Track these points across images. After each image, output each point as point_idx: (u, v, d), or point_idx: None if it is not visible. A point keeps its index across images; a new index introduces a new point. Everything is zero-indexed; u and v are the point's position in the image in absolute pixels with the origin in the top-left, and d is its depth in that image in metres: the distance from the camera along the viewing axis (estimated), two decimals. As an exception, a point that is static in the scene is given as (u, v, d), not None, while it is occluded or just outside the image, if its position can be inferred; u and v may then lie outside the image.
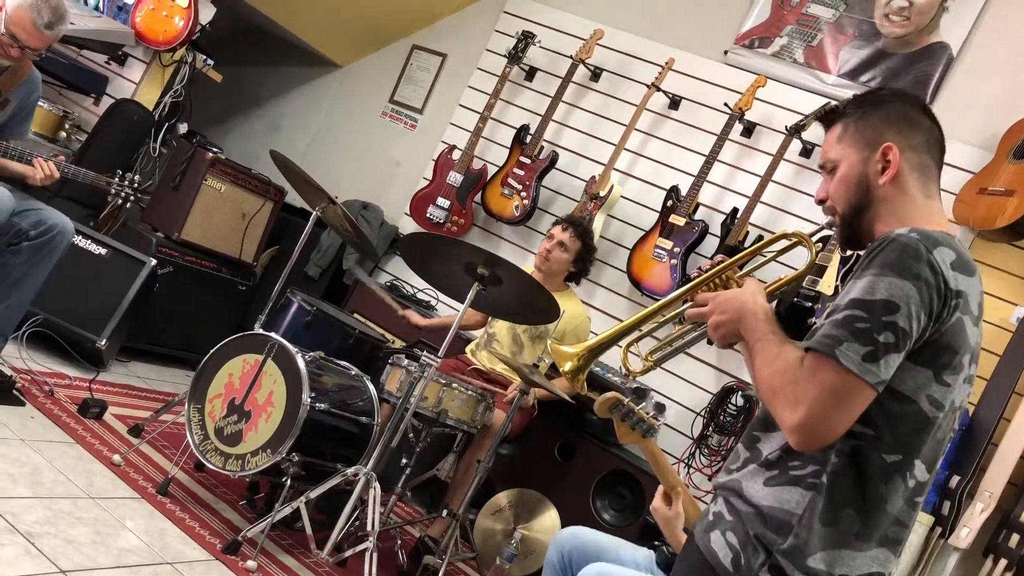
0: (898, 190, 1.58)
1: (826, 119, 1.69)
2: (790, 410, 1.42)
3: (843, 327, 1.40)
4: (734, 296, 1.65)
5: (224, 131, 6.20)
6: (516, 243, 5.05)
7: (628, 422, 2.24)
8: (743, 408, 4.13)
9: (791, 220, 4.37)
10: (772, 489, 1.50)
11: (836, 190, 1.64)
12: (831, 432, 1.41)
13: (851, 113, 1.64)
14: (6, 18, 3.04)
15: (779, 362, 1.47)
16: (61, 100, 4.60)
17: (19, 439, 2.81)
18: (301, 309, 3.59)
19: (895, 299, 1.38)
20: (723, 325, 1.63)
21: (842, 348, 1.38)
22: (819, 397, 1.39)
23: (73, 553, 2.32)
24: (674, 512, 2.18)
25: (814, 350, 1.42)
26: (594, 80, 4.99)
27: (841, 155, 1.63)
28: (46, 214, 3.19)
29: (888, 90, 1.71)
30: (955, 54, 4.19)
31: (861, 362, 1.37)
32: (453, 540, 3.20)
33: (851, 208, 1.62)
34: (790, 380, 1.43)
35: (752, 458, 1.58)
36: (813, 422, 1.40)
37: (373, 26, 5.64)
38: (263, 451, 2.88)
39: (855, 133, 1.62)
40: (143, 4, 4.45)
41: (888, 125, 1.60)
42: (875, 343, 1.38)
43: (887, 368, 1.39)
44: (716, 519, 1.57)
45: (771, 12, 4.66)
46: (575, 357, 1.93)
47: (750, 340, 1.57)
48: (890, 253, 1.41)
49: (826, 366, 1.40)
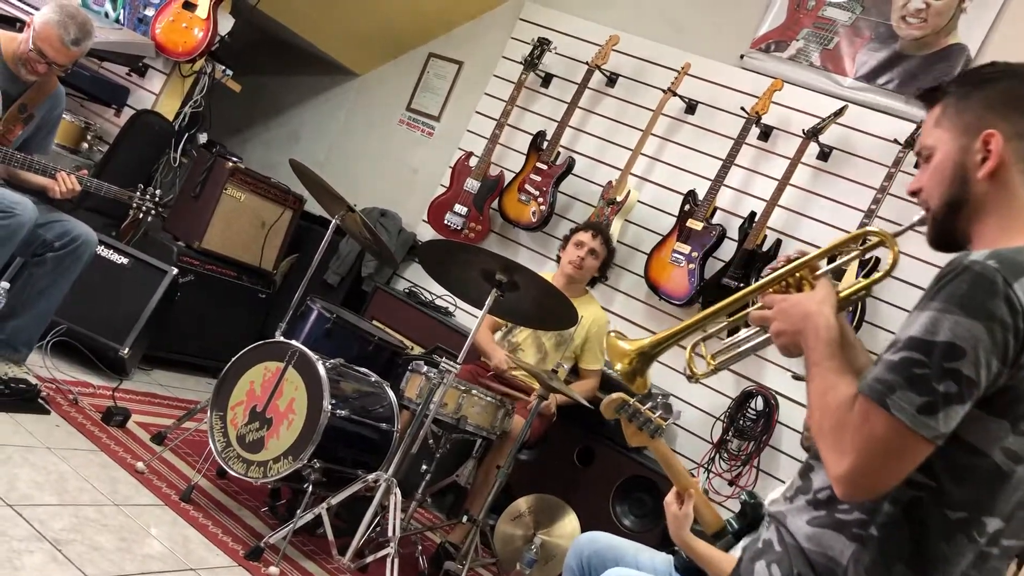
0: (1000, 187, 1.35)
1: (926, 97, 1.47)
2: (835, 458, 1.26)
3: (898, 372, 1.22)
4: (799, 303, 1.47)
5: (243, 140, 6.25)
6: (534, 249, 5.06)
7: (635, 423, 2.24)
8: (763, 412, 4.13)
9: (809, 224, 4.36)
10: (814, 530, 1.38)
11: (930, 181, 1.43)
12: (879, 486, 1.26)
13: (952, 92, 1.42)
14: (34, 35, 3.09)
15: (829, 399, 1.30)
16: (83, 112, 4.66)
17: (45, 447, 2.85)
18: (321, 316, 3.61)
19: (960, 342, 1.19)
20: (784, 334, 1.46)
21: (895, 397, 1.21)
22: (867, 449, 1.23)
23: (99, 559, 2.35)
24: (683, 513, 2.18)
25: (864, 395, 1.25)
26: (610, 86, 5.00)
27: (937, 141, 1.42)
28: (70, 225, 3.24)
29: (999, 65, 1.43)
30: (973, 56, 4.17)
31: (916, 414, 1.20)
32: (473, 546, 3.22)
33: (944, 204, 1.41)
34: (838, 424, 1.27)
35: (803, 489, 1.45)
36: (859, 475, 1.24)
37: (390, 35, 5.67)
38: (285, 458, 2.90)
39: (954, 116, 1.40)
40: (163, 16, 4.50)
41: (992, 108, 1.37)
42: (934, 393, 1.19)
43: (947, 421, 1.21)
44: (766, 547, 1.47)
45: (787, 16, 4.65)
46: (627, 357, 1.72)
47: (807, 360, 1.41)
48: (960, 284, 1.21)
49: (876, 415, 1.22)
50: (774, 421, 4.09)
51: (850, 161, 4.33)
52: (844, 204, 4.29)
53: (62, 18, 3.10)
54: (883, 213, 4.02)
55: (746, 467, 4.10)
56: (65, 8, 3.15)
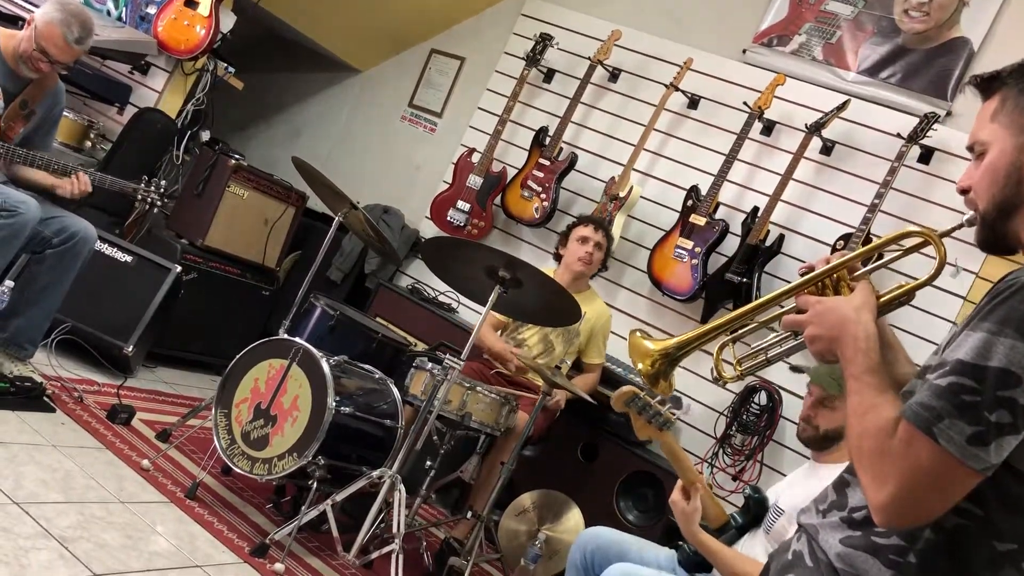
0: None
1: (983, 86, 1.34)
2: (876, 486, 1.17)
3: (946, 398, 1.12)
4: (836, 307, 1.36)
5: (246, 138, 6.26)
6: (536, 245, 5.06)
7: (644, 416, 2.25)
8: (766, 407, 4.13)
9: (812, 219, 4.35)
10: (847, 550, 1.28)
11: (981, 180, 1.31)
12: (922, 516, 1.17)
13: (1013, 83, 1.30)
14: (36, 34, 3.10)
15: (870, 420, 1.21)
16: (86, 110, 4.67)
17: (51, 445, 2.86)
18: (324, 313, 3.62)
19: (1016, 368, 1.09)
20: (819, 339, 1.37)
21: (942, 425, 1.11)
22: (910, 479, 1.14)
23: (105, 557, 2.36)
24: (692, 507, 2.19)
25: (908, 421, 1.15)
26: (612, 81, 4.99)
27: (993, 136, 1.30)
28: (68, 221, 3.24)
29: None
30: (976, 49, 4.16)
31: (965, 445, 1.10)
32: (478, 541, 3.23)
33: (995, 206, 1.29)
34: (878, 449, 1.17)
35: (838, 504, 1.35)
36: (900, 506, 1.15)
37: (391, 31, 5.67)
38: (289, 455, 2.91)
39: (1014, 112, 1.28)
40: (165, 14, 4.50)
41: None
42: (985, 422, 1.10)
43: (999, 452, 1.12)
44: (796, 560, 1.37)
45: (789, 10, 4.65)
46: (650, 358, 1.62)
47: (845, 370, 1.30)
48: (1017, 305, 1.12)
49: (921, 444, 1.13)
50: (778, 416, 4.09)
51: (853, 156, 4.33)
52: (847, 199, 4.28)
53: (64, 16, 3.10)
54: (886, 208, 4.01)
55: (749, 462, 4.10)
56: (67, 6, 3.15)
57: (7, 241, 3.01)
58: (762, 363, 1.61)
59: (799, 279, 1.49)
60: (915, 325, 3.89)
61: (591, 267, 3.94)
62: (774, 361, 1.60)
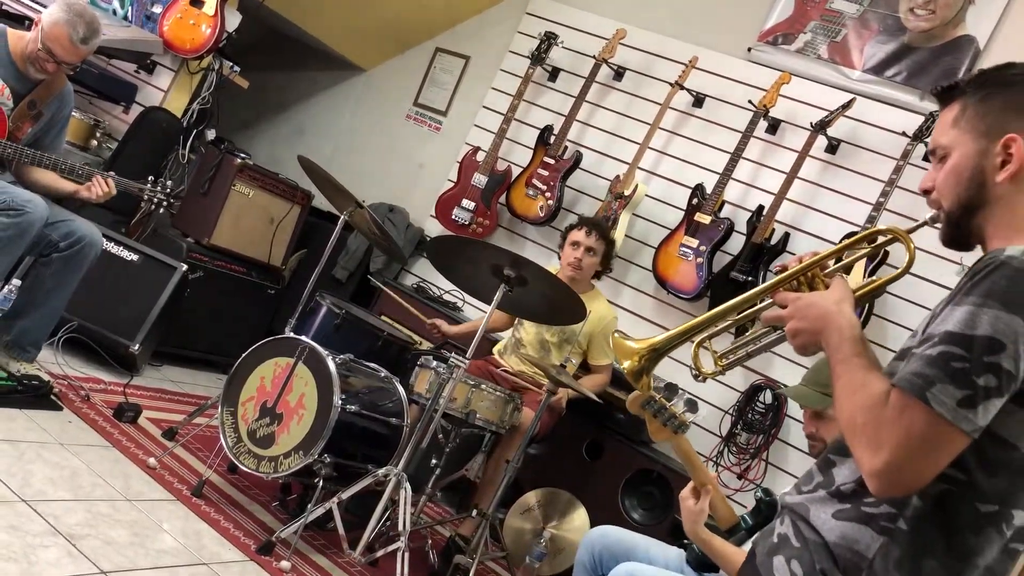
0: (1018, 189, 1.35)
1: (943, 96, 1.45)
2: (871, 453, 1.25)
3: (937, 366, 1.21)
4: (816, 301, 1.45)
5: (251, 137, 6.26)
6: (541, 243, 5.07)
7: (660, 418, 2.25)
8: (771, 406, 4.13)
9: (818, 217, 4.35)
10: (840, 523, 1.35)
11: (945, 182, 1.41)
12: (916, 481, 1.24)
13: (972, 92, 1.40)
14: (43, 34, 3.11)
15: (862, 395, 1.29)
16: (91, 109, 4.67)
17: (58, 443, 2.87)
18: (330, 312, 3.63)
19: (1000, 336, 1.19)
20: (802, 333, 1.44)
21: (934, 390, 1.20)
22: (904, 443, 1.22)
23: (113, 554, 2.37)
24: (699, 508, 2.19)
25: (901, 389, 1.24)
26: (617, 79, 4.99)
27: (954, 141, 1.40)
28: (75, 225, 3.25)
29: (1020, 67, 1.42)
30: (982, 47, 4.16)
31: (956, 407, 1.19)
32: (483, 539, 3.23)
33: (959, 205, 1.40)
34: (872, 419, 1.26)
35: (824, 483, 1.42)
36: (895, 469, 1.23)
37: (396, 30, 5.68)
38: (295, 453, 2.92)
39: (973, 118, 1.39)
40: (171, 13, 4.51)
41: (1014, 111, 1.36)
42: (973, 387, 1.19)
43: (986, 414, 1.21)
44: (781, 542, 1.44)
45: (794, 8, 4.64)
46: (636, 355, 1.68)
47: (831, 358, 1.39)
48: (998, 279, 1.22)
49: (914, 409, 1.21)
50: (783, 414, 4.09)
51: (858, 154, 4.33)
52: (852, 197, 4.28)
53: (71, 17, 3.11)
54: (891, 206, 4.01)
55: (755, 460, 4.11)
56: (73, 6, 3.16)
57: (13, 240, 3.03)
58: (742, 357, 1.69)
59: (775, 278, 1.56)
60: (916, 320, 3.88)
61: (581, 272, 3.88)
62: (754, 355, 1.68)
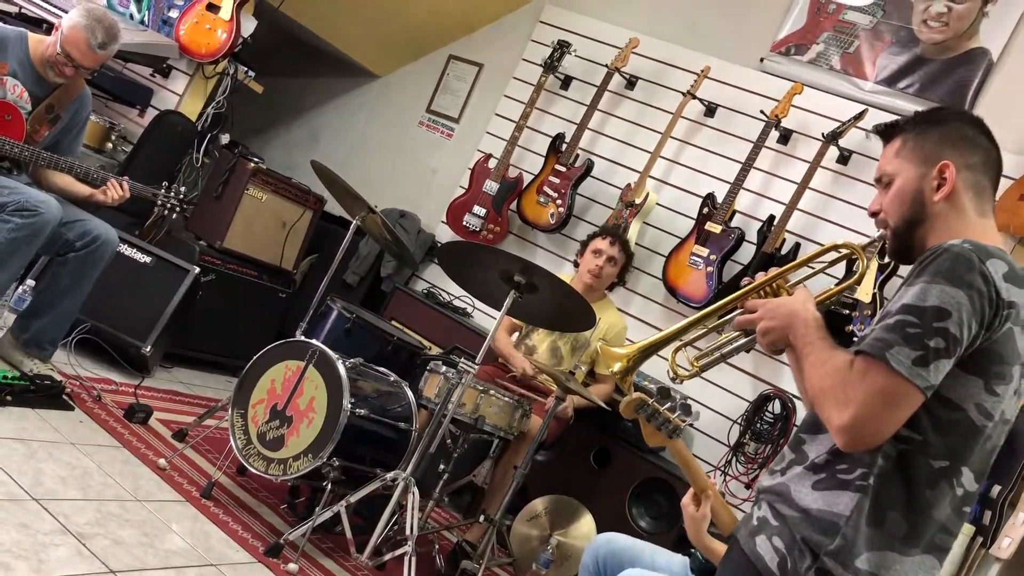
0: (952, 207, 1.59)
1: (885, 133, 1.70)
2: (839, 411, 1.43)
3: (894, 331, 1.42)
4: (784, 303, 1.66)
5: (265, 141, 6.30)
6: (552, 251, 5.08)
7: (654, 423, 2.26)
8: (780, 416, 4.13)
9: (828, 227, 4.35)
10: (821, 493, 1.51)
11: (890, 203, 1.66)
12: (878, 434, 1.43)
13: (911, 129, 1.66)
14: (62, 38, 3.14)
15: (829, 365, 1.49)
16: (107, 112, 4.72)
17: (69, 443, 2.89)
18: (341, 316, 3.64)
19: (947, 306, 1.40)
20: (772, 331, 1.64)
21: (892, 351, 1.40)
22: (868, 399, 1.41)
23: (122, 554, 2.38)
24: (701, 514, 2.20)
25: (864, 352, 1.44)
26: (629, 88, 5.01)
27: (898, 169, 1.65)
28: (91, 225, 3.28)
29: (949, 109, 1.76)
30: (995, 60, 4.15)
31: (911, 366, 1.39)
32: (490, 545, 3.24)
33: (904, 222, 1.63)
34: (839, 382, 1.45)
35: (798, 460, 1.59)
36: (861, 423, 1.41)
37: (410, 37, 5.71)
38: (304, 456, 2.93)
39: (913, 148, 1.64)
40: (187, 17, 4.55)
41: (947, 143, 1.61)
42: (925, 348, 1.39)
43: (936, 373, 1.41)
44: (761, 524, 1.57)
45: (807, 19, 4.65)
46: (625, 358, 1.91)
47: (799, 345, 1.58)
48: (943, 262, 1.43)
49: (876, 369, 1.41)
50: (791, 424, 4.08)
51: (870, 165, 4.32)
52: (863, 208, 4.27)
53: (89, 22, 3.15)
54: (903, 217, 4.00)
55: (763, 470, 4.10)
56: (92, 11, 3.19)
57: (28, 240, 3.05)
58: (716, 359, 1.84)
59: (743, 288, 1.77)
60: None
61: (600, 280, 3.94)
62: (727, 357, 1.84)
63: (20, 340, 3.28)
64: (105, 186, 3.29)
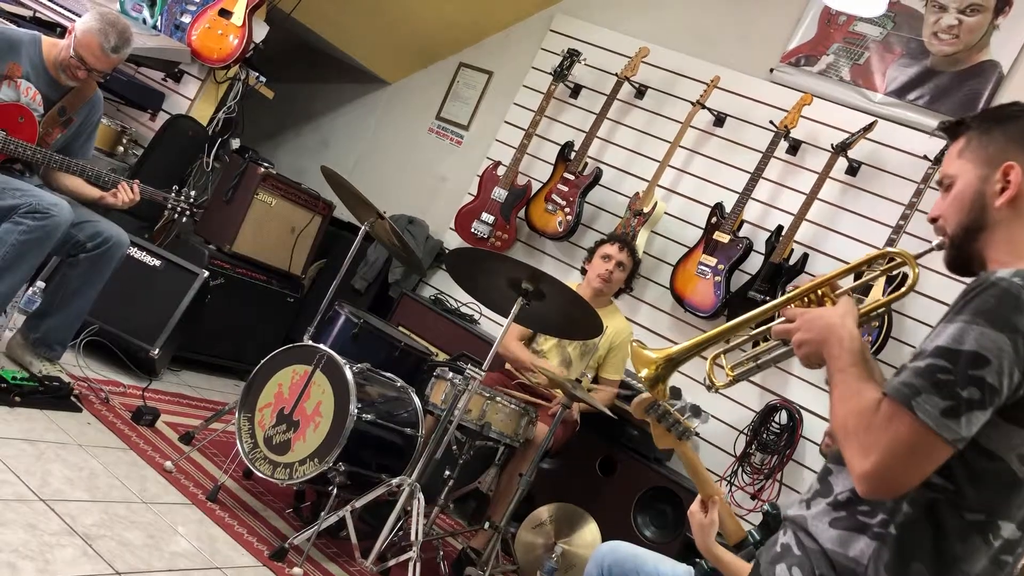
0: (1017, 214, 1.44)
1: (950, 131, 1.56)
2: (860, 457, 1.31)
3: (924, 376, 1.28)
4: (822, 315, 1.52)
5: (275, 146, 6.33)
6: (559, 258, 5.09)
7: (664, 424, 2.25)
8: (786, 426, 4.12)
9: (837, 239, 4.35)
10: (837, 532, 1.42)
11: (949, 207, 1.52)
12: (900, 486, 1.31)
13: (976, 126, 1.52)
14: (75, 42, 3.17)
15: (854, 402, 1.36)
16: (119, 116, 4.74)
17: (77, 444, 2.90)
18: (348, 321, 3.66)
19: (985, 352, 1.26)
20: (807, 344, 1.52)
21: (919, 400, 1.27)
22: (891, 448, 1.28)
23: (128, 556, 2.39)
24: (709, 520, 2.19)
25: (890, 397, 1.31)
26: (639, 97, 5.02)
27: (959, 171, 1.51)
28: (102, 226, 3.31)
29: (1019, 105, 1.55)
30: (1005, 72, 4.15)
31: (939, 416, 1.26)
32: (494, 553, 3.23)
33: (962, 229, 1.49)
34: (863, 425, 1.33)
35: (822, 492, 1.49)
36: (882, 473, 1.29)
37: (421, 44, 5.73)
38: (310, 460, 2.94)
39: (977, 148, 1.50)
40: (199, 23, 4.58)
41: (1014, 143, 1.47)
42: (957, 398, 1.26)
43: (969, 426, 1.27)
44: (784, 551, 1.50)
45: (817, 30, 4.66)
46: (654, 364, 1.78)
47: (830, 368, 1.46)
48: (987, 299, 1.29)
49: (901, 416, 1.28)
50: (798, 435, 4.08)
51: (879, 176, 4.32)
52: (872, 219, 4.28)
53: (103, 26, 3.17)
54: (911, 229, 4.00)
55: (769, 481, 4.09)
56: (106, 16, 3.22)
57: (39, 243, 3.07)
58: (752, 369, 1.75)
59: (787, 294, 1.65)
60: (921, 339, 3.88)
61: (609, 285, 3.94)
62: (764, 367, 1.74)
63: (29, 341, 3.30)
64: (115, 189, 3.31)
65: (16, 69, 3.16)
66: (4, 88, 3.15)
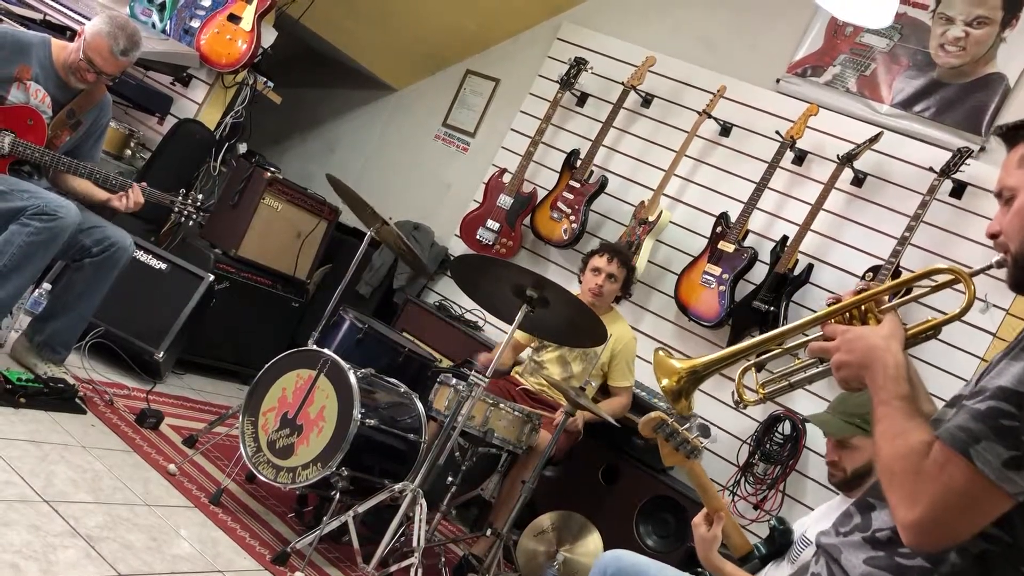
0: None
1: (1008, 136, 1.38)
2: (906, 505, 1.18)
3: (984, 421, 1.14)
4: (864, 335, 1.38)
5: (282, 151, 6.35)
6: (564, 266, 5.09)
7: (672, 442, 2.24)
8: (790, 436, 4.11)
9: (842, 249, 4.35)
10: (871, 570, 1.29)
11: (1011, 223, 1.33)
12: (951, 538, 1.19)
13: None
14: (85, 44, 3.19)
15: (901, 443, 1.22)
16: (127, 119, 4.76)
17: (81, 446, 2.91)
18: (353, 326, 3.66)
19: None
20: (847, 366, 1.38)
21: (979, 447, 1.13)
22: (942, 499, 1.15)
23: (130, 558, 2.39)
24: (712, 535, 2.19)
25: (944, 442, 1.17)
26: (645, 106, 5.02)
27: (1021, 182, 1.33)
28: (108, 231, 3.32)
29: None
30: (1012, 85, 4.15)
31: (1001, 467, 1.12)
32: (496, 559, 3.23)
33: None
34: (911, 468, 1.19)
35: (861, 526, 1.37)
36: (931, 525, 1.16)
37: (428, 51, 5.75)
38: (313, 465, 2.94)
39: None
40: (208, 27, 4.60)
41: None
42: (1021, 447, 1.12)
43: None
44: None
45: (824, 41, 4.66)
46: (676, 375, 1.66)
47: (874, 397, 1.32)
48: None
49: (956, 464, 1.14)
50: (801, 446, 4.07)
51: (884, 188, 4.32)
52: (877, 231, 4.27)
53: (112, 29, 3.19)
54: (916, 241, 4.00)
55: (771, 491, 4.08)
56: (115, 19, 3.24)
57: (46, 244, 3.08)
58: (784, 388, 1.64)
59: (827, 308, 1.51)
60: (943, 360, 3.88)
61: (601, 298, 3.90)
62: (797, 387, 1.63)
63: (34, 343, 3.32)
64: (123, 192, 3.33)
65: (26, 71, 3.18)
66: (13, 90, 3.16)
